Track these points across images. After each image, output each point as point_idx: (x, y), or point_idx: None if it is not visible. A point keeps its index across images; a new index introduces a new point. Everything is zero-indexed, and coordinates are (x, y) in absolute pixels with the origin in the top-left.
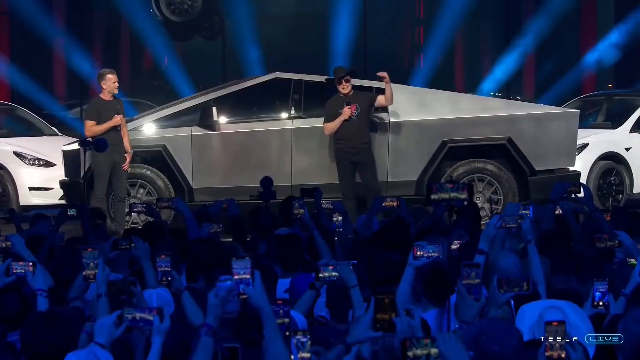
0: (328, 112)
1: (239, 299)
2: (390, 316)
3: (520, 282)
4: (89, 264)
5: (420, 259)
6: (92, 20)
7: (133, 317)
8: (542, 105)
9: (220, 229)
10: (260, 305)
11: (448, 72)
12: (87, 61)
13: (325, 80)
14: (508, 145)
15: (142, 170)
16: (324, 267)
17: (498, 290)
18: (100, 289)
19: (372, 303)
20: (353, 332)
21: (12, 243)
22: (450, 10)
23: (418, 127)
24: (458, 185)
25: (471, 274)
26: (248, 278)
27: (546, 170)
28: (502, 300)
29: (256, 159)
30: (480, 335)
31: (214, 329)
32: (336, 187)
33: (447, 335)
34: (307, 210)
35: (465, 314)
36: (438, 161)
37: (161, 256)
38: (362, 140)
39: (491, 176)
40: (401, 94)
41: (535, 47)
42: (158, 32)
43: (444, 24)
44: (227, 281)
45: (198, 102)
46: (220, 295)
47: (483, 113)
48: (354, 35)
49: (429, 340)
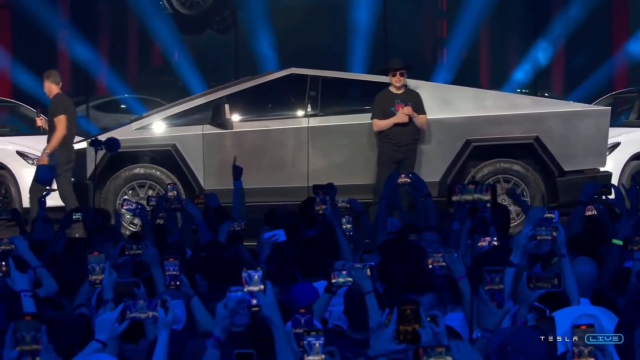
0: (377, 107)
1: (248, 312)
2: (413, 327)
3: (551, 279)
4: (94, 269)
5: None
6: (98, 13)
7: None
8: (572, 102)
9: (241, 226)
10: (271, 316)
11: (472, 68)
12: (92, 56)
13: (379, 72)
14: (535, 145)
15: (151, 171)
16: (338, 272)
17: (527, 286)
18: (106, 295)
19: (395, 314)
20: (375, 344)
21: (16, 246)
22: (475, 3)
23: (441, 126)
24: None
25: (495, 279)
26: (259, 290)
27: (575, 170)
28: (532, 298)
29: (271, 159)
30: (505, 346)
31: (221, 341)
32: (355, 188)
33: (462, 343)
34: (329, 205)
35: (488, 321)
36: (462, 161)
37: (169, 259)
38: (411, 139)
39: (517, 177)
40: (423, 91)
41: (564, 42)
42: (167, 26)
43: (468, 17)
44: (238, 292)
45: (209, 100)
46: (230, 306)
47: (509, 111)
48: (373, 29)
49: (443, 349)
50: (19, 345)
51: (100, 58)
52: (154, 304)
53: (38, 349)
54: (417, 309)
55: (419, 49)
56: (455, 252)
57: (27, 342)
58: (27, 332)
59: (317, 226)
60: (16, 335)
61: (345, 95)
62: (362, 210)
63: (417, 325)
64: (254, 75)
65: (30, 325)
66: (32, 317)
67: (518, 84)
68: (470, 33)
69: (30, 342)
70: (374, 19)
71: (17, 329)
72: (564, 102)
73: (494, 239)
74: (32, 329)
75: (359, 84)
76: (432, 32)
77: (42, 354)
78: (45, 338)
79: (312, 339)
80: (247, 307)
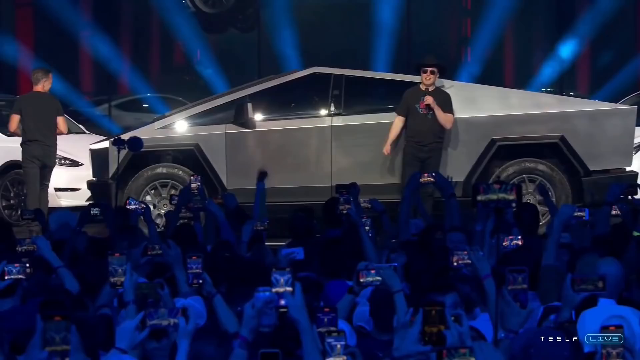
0: (403, 103)
1: (276, 312)
2: (439, 329)
3: (595, 281)
4: (116, 270)
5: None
6: (120, 11)
7: (157, 320)
8: (597, 101)
9: (265, 226)
10: (298, 318)
11: (497, 67)
12: (115, 55)
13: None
14: (561, 144)
15: (173, 170)
16: (366, 271)
17: (572, 288)
18: (127, 297)
19: (420, 315)
20: (400, 345)
21: (38, 246)
22: (499, 1)
23: (465, 125)
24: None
25: (518, 279)
26: (288, 291)
27: (601, 170)
28: (576, 300)
29: (294, 159)
30: (529, 347)
31: (249, 342)
32: (378, 188)
33: (485, 344)
34: (354, 205)
35: (511, 322)
36: (486, 161)
37: (192, 257)
38: (435, 138)
39: (543, 177)
40: (447, 90)
41: (590, 40)
42: (190, 24)
43: (493, 15)
44: (266, 292)
45: (232, 99)
46: (257, 306)
47: (534, 110)
48: (397, 27)
49: (466, 350)
50: (49, 346)
51: (122, 57)
52: (175, 312)
53: (67, 349)
54: (442, 310)
55: (443, 47)
56: (481, 250)
57: (57, 343)
58: (56, 333)
59: (341, 226)
60: (45, 336)
61: (368, 94)
62: (383, 210)
63: (443, 327)
64: (277, 74)
65: (59, 325)
66: (62, 318)
67: (543, 83)
68: (494, 31)
69: (59, 343)
70: (398, 17)
71: (47, 329)
72: (590, 101)
73: (517, 238)
74: (62, 329)
75: (382, 83)
76: (456, 30)
77: (72, 354)
78: (75, 338)
79: (334, 340)
80: (274, 307)
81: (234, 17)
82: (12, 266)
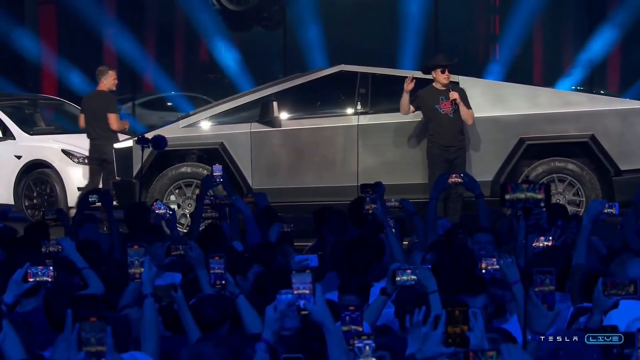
0: (416, 99)
1: (298, 315)
2: (462, 330)
3: (627, 285)
4: (133, 262)
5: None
6: (145, 9)
7: None
8: (628, 100)
9: (291, 228)
10: (322, 321)
11: (526, 64)
12: (139, 53)
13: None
14: (591, 143)
15: (198, 170)
16: (402, 270)
17: (603, 293)
18: (146, 290)
19: (443, 316)
20: (423, 347)
21: (63, 247)
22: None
23: (494, 124)
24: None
25: (545, 281)
26: (308, 293)
27: (632, 170)
28: (608, 305)
29: (320, 158)
30: (558, 349)
31: (272, 345)
32: (405, 187)
33: (513, 346)
34: (380, 205)
35: (538, 324)
36: (515, 160)
37: (215, 258)
38: (460, 138)
39: (572, 176)
40: (475, 88)
41: (621, 38)
42: (215, 22)
43: (521, 12)
44: (288, 294)
45: (258, 97)
46: (280, 309)
47: (564, 108)
48: (424, 25)
49: (494, 353)
50: (84, 347)
51: (146, 55)
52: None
53: (103, 350)
54: (466, 311)
55: (471, 45)
56: (510, 256)
57: (92, 344)
58: (92, 334)
59: (366, 226)
60: (81, 337)
61: (395, 92)
62: (415, 212)
63: (466, 328)
64: (303, 72)
65: (95, 326)
66: (98, 318)
67: (572, 81)
68: (523, 29)
69: (95, 344)
70: (425, 15)
71: (82, 330)
72: (620, 100)
73: (548, 239)
74: (98, 330)
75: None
76: (484, 28)
77: (108, 355)
78: (110, 339)
79: (362, 343)
80: (296, 309)
81: (259, 14)
82: (36, 268)
